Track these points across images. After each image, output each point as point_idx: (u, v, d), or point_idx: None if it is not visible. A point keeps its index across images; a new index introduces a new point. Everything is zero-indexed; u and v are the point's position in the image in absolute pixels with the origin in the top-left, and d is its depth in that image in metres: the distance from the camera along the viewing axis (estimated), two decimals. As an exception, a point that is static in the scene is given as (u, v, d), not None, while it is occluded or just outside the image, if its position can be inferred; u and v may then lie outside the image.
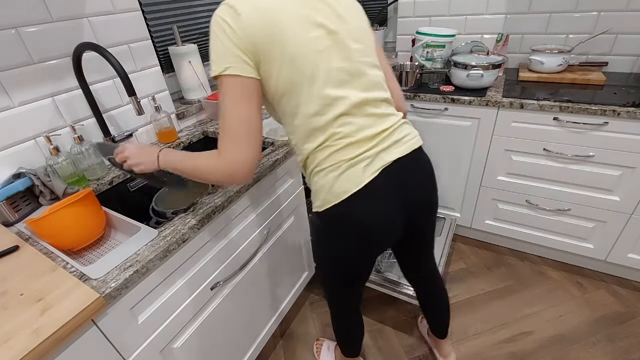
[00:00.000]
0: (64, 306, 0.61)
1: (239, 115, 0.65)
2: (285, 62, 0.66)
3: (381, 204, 0.75)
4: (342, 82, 0.70)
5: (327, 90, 0.69)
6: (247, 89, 0.66)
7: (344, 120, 0.71)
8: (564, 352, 1.32)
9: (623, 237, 1.45)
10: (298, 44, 0.66)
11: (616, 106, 1.23)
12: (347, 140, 0.71)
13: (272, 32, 0.64)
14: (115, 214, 0.91)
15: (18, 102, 0.92)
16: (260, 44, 0.64)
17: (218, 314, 1.01)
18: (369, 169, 0.72)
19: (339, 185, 0.71)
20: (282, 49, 0.65)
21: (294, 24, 0.66)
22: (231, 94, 0.65)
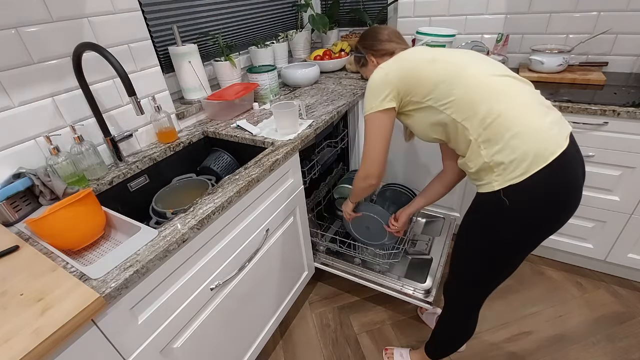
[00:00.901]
0: (64, 306, 0.61)
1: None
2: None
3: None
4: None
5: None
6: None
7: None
8: (563, 352, 1.32)
9: (623, 237, 1.45)
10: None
11: (616, 106, 1.23)
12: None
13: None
14: (115, 214, 0.91)
15: (18, 102, 0.92)
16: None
17: (218, 314, 1.01)
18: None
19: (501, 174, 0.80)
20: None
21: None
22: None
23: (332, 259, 1.55)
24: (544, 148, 0.75)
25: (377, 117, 0.94)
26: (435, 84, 0.86)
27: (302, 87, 1.75)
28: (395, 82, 0.90)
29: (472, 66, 0.86)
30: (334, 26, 2.20)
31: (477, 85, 0.82)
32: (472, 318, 1.08)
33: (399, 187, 1.65)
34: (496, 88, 0.82)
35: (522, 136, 0.76)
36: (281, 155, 1.10)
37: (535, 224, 0.82)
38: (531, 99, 0.82)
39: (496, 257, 0.90)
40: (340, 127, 1.71)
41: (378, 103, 0.92)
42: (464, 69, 0.85)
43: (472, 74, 0.84)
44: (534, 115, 0.79)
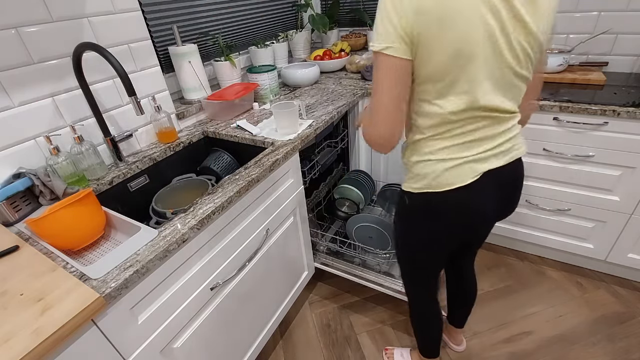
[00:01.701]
0: (64, 306, 0.61)
1: (391, 94, 0.68)
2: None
3: (481, 198, 0.79)
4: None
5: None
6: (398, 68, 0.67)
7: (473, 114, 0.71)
8: (563, 352, 1.32)
9: (623, 237, 1.45)
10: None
11: (616, 106, 1.23)
12: (469, 137, 0.73)
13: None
14: (115, 214, 0.91)
15: (18, 102, 0.92)
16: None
17: (218, 314, 1.01)
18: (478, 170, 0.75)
19: (446, 178, 0.75)
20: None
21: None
22: (387, 72, 0.68)
23: (332, 259, 1.55)
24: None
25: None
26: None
27: (302, 87, 1.75)
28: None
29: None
30: (334, 26, 2.20)
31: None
32: (428, 304, 1.10)
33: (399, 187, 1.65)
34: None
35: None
36: (281, 155, 1.10)
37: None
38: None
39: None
40: (340, 127, 1.71)
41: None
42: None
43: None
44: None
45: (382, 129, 0.71)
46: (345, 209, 1.71)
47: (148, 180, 1.19)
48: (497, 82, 0.69)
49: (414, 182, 0.80)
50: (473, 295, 1.23)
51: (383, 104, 0.69)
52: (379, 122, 0.71)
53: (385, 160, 1.83)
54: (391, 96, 0.68)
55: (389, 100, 0.68)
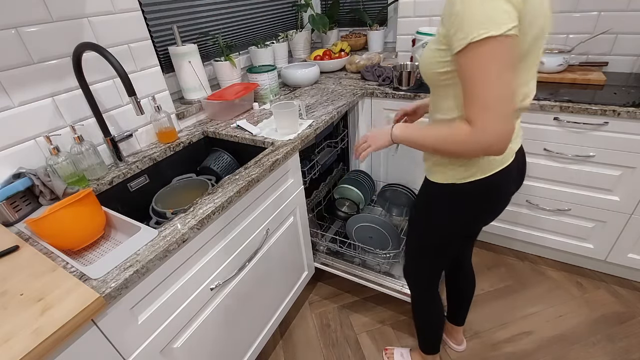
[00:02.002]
0: (64, 306, 0.61)
1: (507, 82, 0.60)
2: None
3: (512, 180, 0.83)
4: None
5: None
6: (513, 51, 0.60)
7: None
8: (564, 352, 1.32)
9: (623, 237, 1.45)
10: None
11: (616, 106, 1.23)
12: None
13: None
14: (115, 214, 0.91)
15: (18, 102, 0.92)
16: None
17: (218, 314, 1.01)
18: (512, 150, 0.79)
19: (495, 159, 0.76)
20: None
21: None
22: (502, 58, 0.58)
23: (332, 259, 1.55)
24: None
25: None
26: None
27: (302, 87, 1.75)
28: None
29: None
30: (334, 26, 2.20)
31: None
32: (432, 299, 1.11)
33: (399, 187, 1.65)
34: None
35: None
36: (281, 155, 1.10)
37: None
38: None
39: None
40: (340, 127, 1.71)
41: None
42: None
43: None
44: None
45: (508, 125, 0.62)
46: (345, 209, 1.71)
47: (148, 180, 1.19)
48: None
49: (463, 172, 0.78)
50: (472, 289, 1.24)
51: (507, 97, 0.60)
52: (506, 117, 0.61)
53: (385, 160, 1.83)
54: (511, 86, 0.60)
55: (511, 92, 0.60)
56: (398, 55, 2.01)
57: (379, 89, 1.63)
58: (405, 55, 1.98)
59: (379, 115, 1.70)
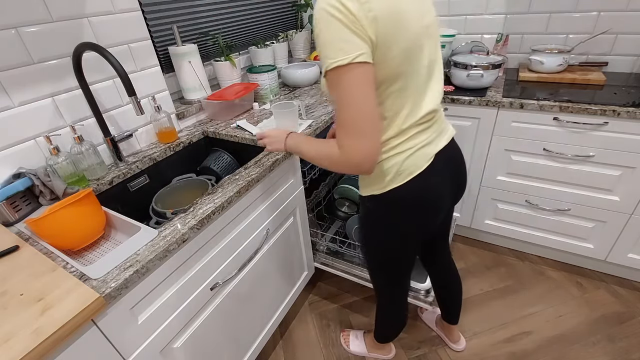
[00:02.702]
0: (64, 306, 0.61)
1: (363, 104, 0.63)
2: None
3: (438, 181, 0.82)
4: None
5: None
6: (367, 75, 0.63)
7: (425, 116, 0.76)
8: (564, 352, 1.32)
9: (623, 237, 1.45)
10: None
11: (616, 106, 1.23)
12: (414, 130, 0.76)
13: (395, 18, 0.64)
14: (115, 214, 0.91)
15: (18, 102, 0.92)
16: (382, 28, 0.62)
17: (218, 314, 1.01)
18: (429, 154, 0.78)
19: (406, 167, 0.76)
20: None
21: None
22: (354, 83, 0.62)
23: (332, 259, 1.54)
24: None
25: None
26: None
27: (302, 87, 1.75)
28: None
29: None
30: (334, 26, 2.20)
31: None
32: (396, 303, 1.12)
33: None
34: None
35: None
36: (281, 155, 1.10)
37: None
38: None
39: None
40: (340, 127, 1.71)
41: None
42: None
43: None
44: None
45: (369, 144, 0.65)
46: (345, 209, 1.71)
47: (148, 180, 1.19)
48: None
49: (376, 184, 0.80)
50: (458, 286, 1.25)
51: (364, 118, 0.63)
52: (364, 137, 0.64)
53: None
54: (372, 103, 0.63)
55: (372, 109, 0.64)
56: (398, 55, 2.01)
57: (379, 89, 1.63)
58: (405, 55, 1.97)
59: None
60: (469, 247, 1.85)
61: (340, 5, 0.59)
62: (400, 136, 0.75)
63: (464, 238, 1.91)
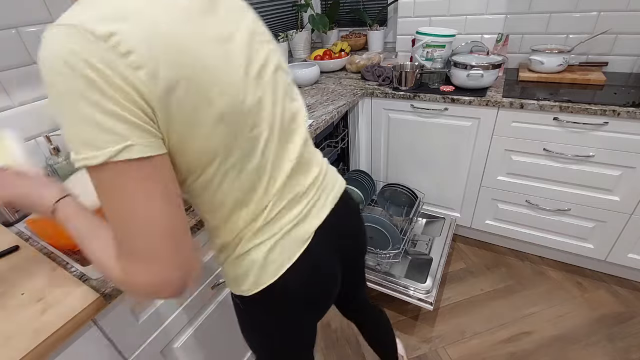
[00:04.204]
0: (64, 306, 0.61)
1: (144, 215, 0.40)
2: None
3: (322, 264, 0.64)
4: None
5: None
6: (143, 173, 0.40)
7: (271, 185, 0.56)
8: (564, 352, 1.32)
9: (623, 237, 1.45)
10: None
11: (616, 106, 1.23)
12: (276, 208, 0.56)
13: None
14: (115, 214, 0.91)
15: (18, 102, 0.92)
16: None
17: (218, 314, 1.00)
18: (303, 233, 0.59)
19: (273, 260, 0.57)
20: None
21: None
22: (133, 185, 0.39)
23: (332, 259, 1.54)
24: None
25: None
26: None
27: (302, 87, 1.75)
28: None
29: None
30: (334, 26, 2.20)
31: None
32: None
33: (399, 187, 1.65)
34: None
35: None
36: (281, 155, 1.10)
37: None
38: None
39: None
40: (341, 127, 1.71)
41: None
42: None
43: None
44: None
45: (175, 262, 0.43)
46: (345, 209, 1.71)
47: (148, 180, 1.18)
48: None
49: (241, 284, 0.59)
50: (385, 323, 1.10)
51: (156, 231, 0.41)
52: (162, 257, 0.42)
53: (385, 160, 1.83)
54: (162, 212, 0.41)
55: (165, 220, 0.41)
56: (398, 55, 2.01)
57: (379, 89, 1.63)
58: (405, 55, 1.98)
59: (379, 115, 1.70)
60: (469, 247, 1.85)
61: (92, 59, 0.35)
62: (255, 222, 0.55)
63: (464, 238, 1.91)
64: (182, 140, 0.43)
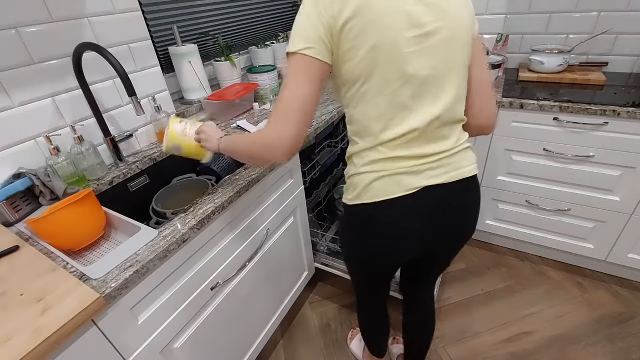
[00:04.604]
0: (64, 306, 0.61)
1: (295, 91, 0.65)
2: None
3: (408, 219, 0.73)
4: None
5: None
6: (309, 69, 0.65)
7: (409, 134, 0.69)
8: (564, 352, 1.32)
9: (623, 237, 1.45)
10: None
11: (616, 106, 1.23)
12: (401, 152, 0.69)
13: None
14: (115, 214, 0.91)
15: (18, 102, 0.92)
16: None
17: (218, 314, 1.01)
18: (409, 184, 0.70)
19: (374, 188, 0.71)
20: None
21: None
22: (296, 72, 0.65)
23: (333, 259, 1.54)
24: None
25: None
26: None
27: (302, 87, 1.74)
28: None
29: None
30: (334, 26, 2.20)
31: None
32: (365, 308, 1.10)
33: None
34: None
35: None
36: (281, 155, 1.10)
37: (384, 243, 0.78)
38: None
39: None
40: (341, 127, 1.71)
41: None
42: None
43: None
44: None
45: (289, 128, 0.65)
46: (345, 209, 1.71)
47: (148, 180, 1.18)
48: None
49: (347, 193, 0.77)
50: (429, 333, 1.12)
51: (291, 104, 0.65)
52: (287, 120, 0.65)
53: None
54: (298, 97, 0.65)
55: (297, 102, 0.65)
56: (398, 55, 2.01)
57: (379, 89, 1.63)
58: (405, 55, 1.97)
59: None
60: (470, 247, 1.85)
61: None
62: (374, 151, 0.70)
63: (464, 238, 1.90)
64: (341, 59, 0.65)
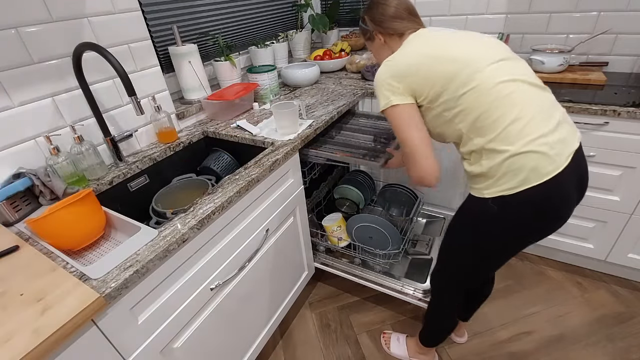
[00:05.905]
0: (64, 306, 0.61)
1: (409, 134, 0.86)
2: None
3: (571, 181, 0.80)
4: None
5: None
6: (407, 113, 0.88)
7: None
8: (564, 352, 1.32)
9: (623, 237, 1.45)
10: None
11: (617, 106, 1.23)
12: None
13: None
14: (115, 214, 0.91)
15: (18, 102, 0.92)
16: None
17: (218, 314, 1.01)
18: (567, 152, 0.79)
19: (544, 167, 0.76)
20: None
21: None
22: (399, 119, 0.88)
23: (332, 259, 1.55)
24: (542, 166, 0.76)
25: (393, 110, 0.87)
26: (442, 89, 0.82)
27: (302, 87, 1.75)
28: (403, 82, 0.85)
29: (479, 68, 0.80)
30: (334, 26, 2.20)
31: (484, 94, 0.79)
32: (454, 307, 1.15)
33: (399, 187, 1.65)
34: (504, 100, 0.78)
35: (522, 153, 0.76)
36: (281, 155, 1.10)
37: (520, 234, 0.85)
38: (541, 110, 0.79)
39: (479, 257, 0.93)
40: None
41: (388, 100, 0.87)
42: (472, 73, 0.79)
43: (479, 80, 0.79)
44: (539, 131, 0.77)
45: (423, 163, 0.86)
46: (345, 209, 1.71)
47: (148, 180, 1.19)
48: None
49: (504, 184, 0.78)
50: (490, 292, 1.24)
51: (415, 145, 0.86)
52: (419, 158, 0.86)
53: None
54: (414, 137, 0.86)
55: (417, 141, 0.86)
56: (398, 55, 2.01)
57: (379, 89, 1.63)
58: (405, 55, 1.97)
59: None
60: (469, 247, 1.84)
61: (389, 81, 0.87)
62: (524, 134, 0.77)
63: (464, 238, 1.90)
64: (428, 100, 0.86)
